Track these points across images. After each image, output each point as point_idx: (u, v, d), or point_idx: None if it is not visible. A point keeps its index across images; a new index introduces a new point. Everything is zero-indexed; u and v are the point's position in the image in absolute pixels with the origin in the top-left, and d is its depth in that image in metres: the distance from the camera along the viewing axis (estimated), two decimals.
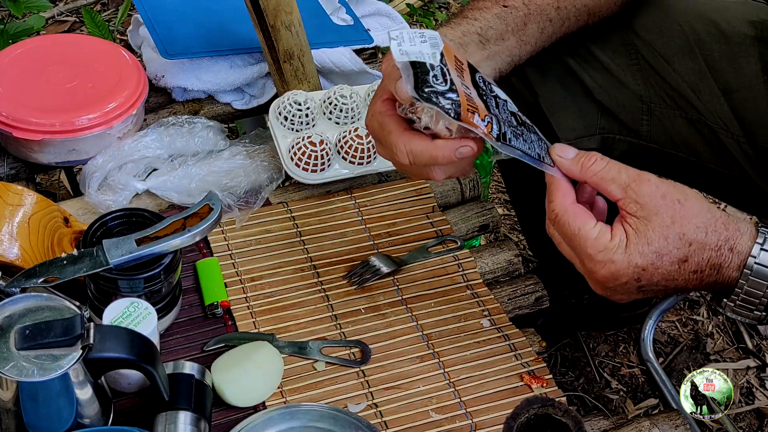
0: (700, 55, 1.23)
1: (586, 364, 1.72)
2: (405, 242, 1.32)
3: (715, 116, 1.24)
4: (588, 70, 1.27)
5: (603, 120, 1.28)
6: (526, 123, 1.02)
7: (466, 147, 0.98)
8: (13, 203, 1.16)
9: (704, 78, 1.23)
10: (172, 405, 1.03)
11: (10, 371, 0.93)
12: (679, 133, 1.26)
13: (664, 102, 1.26)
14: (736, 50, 1.22)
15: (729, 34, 1.22)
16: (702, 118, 1.24)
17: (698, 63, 1.23)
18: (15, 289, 1.06)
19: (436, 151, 0.98)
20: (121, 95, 1.36)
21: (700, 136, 1.26)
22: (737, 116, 1.23)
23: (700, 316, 1.82)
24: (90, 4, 2.36)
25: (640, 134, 1.28)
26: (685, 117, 1.25)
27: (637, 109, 1.27)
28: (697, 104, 1.24)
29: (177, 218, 1.12)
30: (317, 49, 1.46)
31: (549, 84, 1.29)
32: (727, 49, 1.22)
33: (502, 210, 2.00)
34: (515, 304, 1.29)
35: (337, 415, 1.08)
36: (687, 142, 1.27)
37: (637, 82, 1.26)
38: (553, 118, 1.29)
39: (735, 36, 1.22)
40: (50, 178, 1.91)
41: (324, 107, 1.41)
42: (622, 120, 1.28)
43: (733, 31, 1.22)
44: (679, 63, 1.24)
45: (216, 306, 1.20)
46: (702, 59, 1.23)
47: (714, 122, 1.24)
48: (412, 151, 1.00)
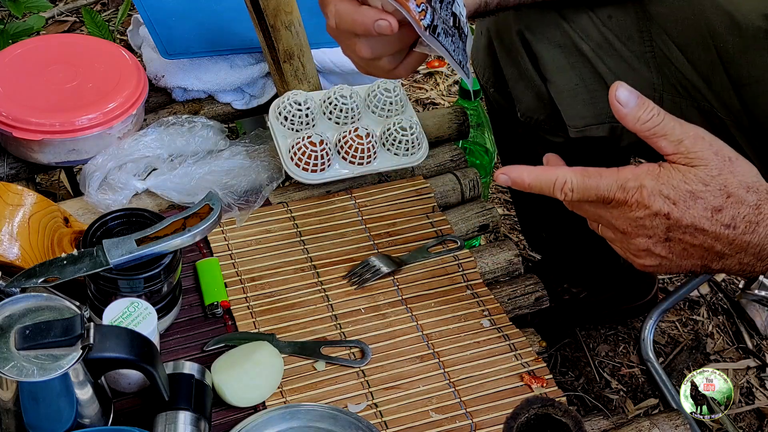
0: (714, 47, 1.22)
1: (586, 364, 1.72)
2: (405, 242, 1.32)
3: (726, 109, 1.23)
4: (602, 56, 1.27)
5: None
6: (462, 30, 1.01)
7: (385, 21, 0.95)
8: (13, 203, 1.16)
9: (716, 70, 1.23)
10: (172, 405, 1.03)
11: (10, 371, 0.93)
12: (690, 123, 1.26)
13: (676, 91, 1.25)
14: (750, 43, 1.21)
15: (744, 27, 1.22)
16: (713, 109, 1.24)
17: (711, 54, 1.23)
18: (15, 289, 1.06)
19: (357, 16, 0.97)
20: (121, 95, 1.36)
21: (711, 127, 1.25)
22: (748, 110, 1.22)
23: (700, 316, 1.82)
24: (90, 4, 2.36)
25: None
26: (696, 107, 1.25)
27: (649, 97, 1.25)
28: (708, 95, 1.24)
29: (177, 218, 1.12)
30: (317, 49, 1.46)
31: (560, 70, 1.28)
32: (741, 41, 1.21)
33: (502, 210, 2.00)
34: (515, 304, 1.29)
35: (337, 415, 1.08)
36: None
37: (650, 70, 1.26)
38: (562, 105, 1.29)
39: (749, 29, 1.21)
40: (50, 178, 1.91)
41: (324, 107, 1.41)
42: None
43: (748, 24, 1.21)
44: (693, 53, 1.24)
45: (216, 306, 1.20)
46: (715, 51, 1.22)
47: (725, 114, 1.24)
48: (338, 12, 0.99)
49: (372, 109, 1.42)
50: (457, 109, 1.54)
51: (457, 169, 1.45)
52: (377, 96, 1.41)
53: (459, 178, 1.41)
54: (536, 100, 1.34)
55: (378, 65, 1.05)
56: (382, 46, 1.02)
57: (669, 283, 1.85)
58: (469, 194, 1.42)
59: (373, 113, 1.42)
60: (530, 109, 1.36)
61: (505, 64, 1.36)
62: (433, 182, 1.41)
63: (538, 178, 0.94)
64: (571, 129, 1.29)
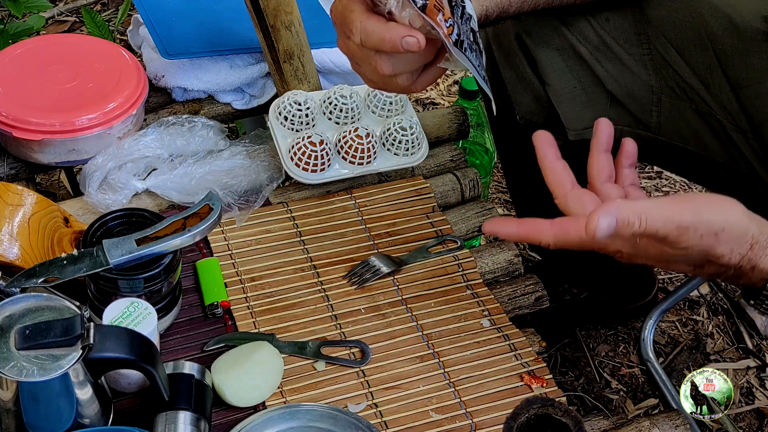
0: (712, 49, 1.22)
1: (586, 364, 1.72)
2: (405, 242, 1.32)
3: (725, 111, 1.23)
4: (600, 60, 1.27)
5: (612, 111, 1.28)
6: (479, 44, 1.03)
7: (414, 38, 0.96)
8: (14, 203, 1.16)
9: (715, 72, 1.23)
10: (172, 405, 1.03)
11: (10, 371, 0.93)
12: (689, 125, 1.26)
13: (675, 93, 1.25)
14: (748, 45, 1.21)
15: (742, 29, 1.22)
16: (712, 111, 1.24)
17: (709, 56, 1.23)
18: (15, 289, 1.06)
19: (386, 33, 0.97)
20: (121, 95, 1.36)
21: (709, 129, 1.25)
22: (746, 112, 1.22)
23: (700, 316, 1.82)
24: (90, 4, 2.36)
25: (649, 126, 1.28)
26: (695, 110, 1.25)
27: (647, 99, 1.26)
28: (706, 98, 1.24)
29: (177, 218, 1.12)
30: (317, 49, 1.46)
31: (558, 73, 1.29)
32: (739, 43, 1.22)
33: (502, 210, 2.00)
34: (515, 304, 1.29)
35: (337, 415, 1.08)
36: (696, 135, 1.27)
37: (648, 73, 1.26)
38: (561, 107, 1.29)
39: (747, 31, 1.21)
40: (50, 178, 1.91)
41: (324, 107, 1.41)
42: (632, 111, 1.27)
43: (746, 26, 1.21)
44: (691, 55, 1.24)
45: (216, 306, 1.20)
46: (713, 53, 1.22)
47: (723, 117, 1.24)
48: (365, 29, 0.98)
49: (372, 109, 1.42)
50: (457, 109, 1.54)
51: (457, 169, 1.45)
52: (377, 96, 1.41)
53: (459, 178, 1.41)
54: (535, 103, 1.34)
55: (395, 82, 1.05)
56: (403, 63, 1.02)
57: (669, 283, 1.85)
58: (469, 194, 1.42)
59: (373, 113, 1.42)
60: (529, 112, 1.37)
61: (504, 67, 1.36)
62: (433, 182, 1.41)
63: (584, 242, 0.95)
64: (569, 132, 1.29)
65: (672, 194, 2.07)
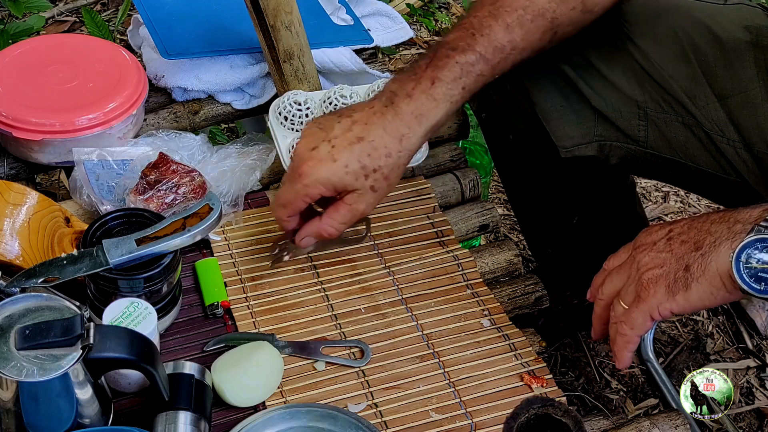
0: (695, 61, 1.23)
1: (586, 364, 1.72)
2: (405, 242, 1.32)
3: (711, 122, 1.24)
4: (585, 78, 1.27)
5: (600, 127, 1.28)
6: None
7: (309, 239, 1.18)
8: (15, 202, 1.16)
9: (699, 83, 1.24)
10: (172, 405, 1.03)
11: (10, 371, 0.93)
12: (676, 138, 1.26)
13: (660, 107, 1.26)
14: (731, 55, 1.22)
15: (724, 40, 1.23)
16: (698, 123, 1.24)
17: (693, 68, 1.23)
18: (15, 289, 1.06)
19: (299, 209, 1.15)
20: (121, 95, 1.36)
21: (697, 140, 1.26)
22: (733, 122, 1.23)
23: (700, 316, 1.82)
24: (90, 4, 2.36)
25: (637, 140, 1.28)
26: (681, 122, 1.25)
27: (634, 114, 1.27)
28: (692, 109, 1.24)
29: (177, 218, 1.12)
30: (317, 49, 1.46)
31: (545, 92, 1.29)
32: (721, 54, 1.23)
33: (502, 210, 2.00)
34: (515, 304, 1.29)
35: (337, 415, 1.08)
36: (684, 147, 1.27)
37: (632, 88, 1.26)
38: (550, 126, 1.29)
39: (730, 41, 1.22)
40: (50, 178, 1.91)
41: (324, 107, 1.40)
42: (619, 126, 1.28)
43: (728, 37, 1.22)
44: (674, 68, 1.24)
45: (216, 306, 1.20)
46: (697, 64, 1.23)
47: (710, 128, 1.24)
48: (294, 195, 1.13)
49: None
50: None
51: (457, 169, 1.45)
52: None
53: (459, 178, 1.41)
54: (525, 123, 1.35)
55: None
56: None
57: None
58: (469, 194, 1.42)
59: None
60: (521, 132, 1.37)
61: (493, 91, 1.36)
62: (433, 182, 1.41)
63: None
64: (560, 150, 1.30)
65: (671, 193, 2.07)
